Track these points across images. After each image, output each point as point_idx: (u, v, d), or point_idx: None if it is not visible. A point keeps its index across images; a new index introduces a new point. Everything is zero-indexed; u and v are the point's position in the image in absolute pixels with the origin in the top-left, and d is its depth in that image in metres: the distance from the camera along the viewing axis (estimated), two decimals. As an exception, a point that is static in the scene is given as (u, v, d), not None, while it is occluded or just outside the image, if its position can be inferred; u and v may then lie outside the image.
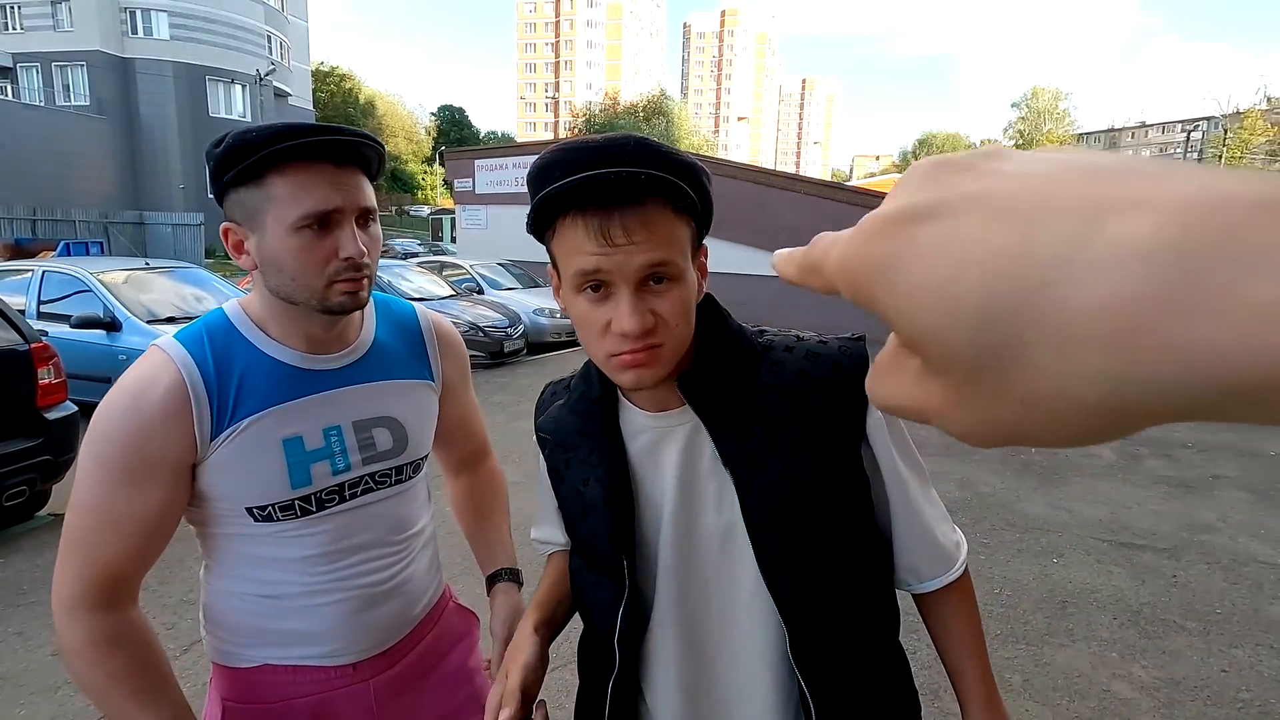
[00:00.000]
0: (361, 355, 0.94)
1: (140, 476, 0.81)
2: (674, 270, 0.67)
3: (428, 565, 1.06)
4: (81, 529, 0.81)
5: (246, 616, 0.92)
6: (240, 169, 0.80)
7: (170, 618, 2.77)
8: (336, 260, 0.82)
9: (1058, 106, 69.80)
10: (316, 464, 0.88)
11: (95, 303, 5.58)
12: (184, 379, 0.82)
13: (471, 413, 1.17)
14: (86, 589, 0.81)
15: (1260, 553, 3.56)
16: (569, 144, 0.67)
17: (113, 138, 28.95)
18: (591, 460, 0.79)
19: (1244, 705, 2.37)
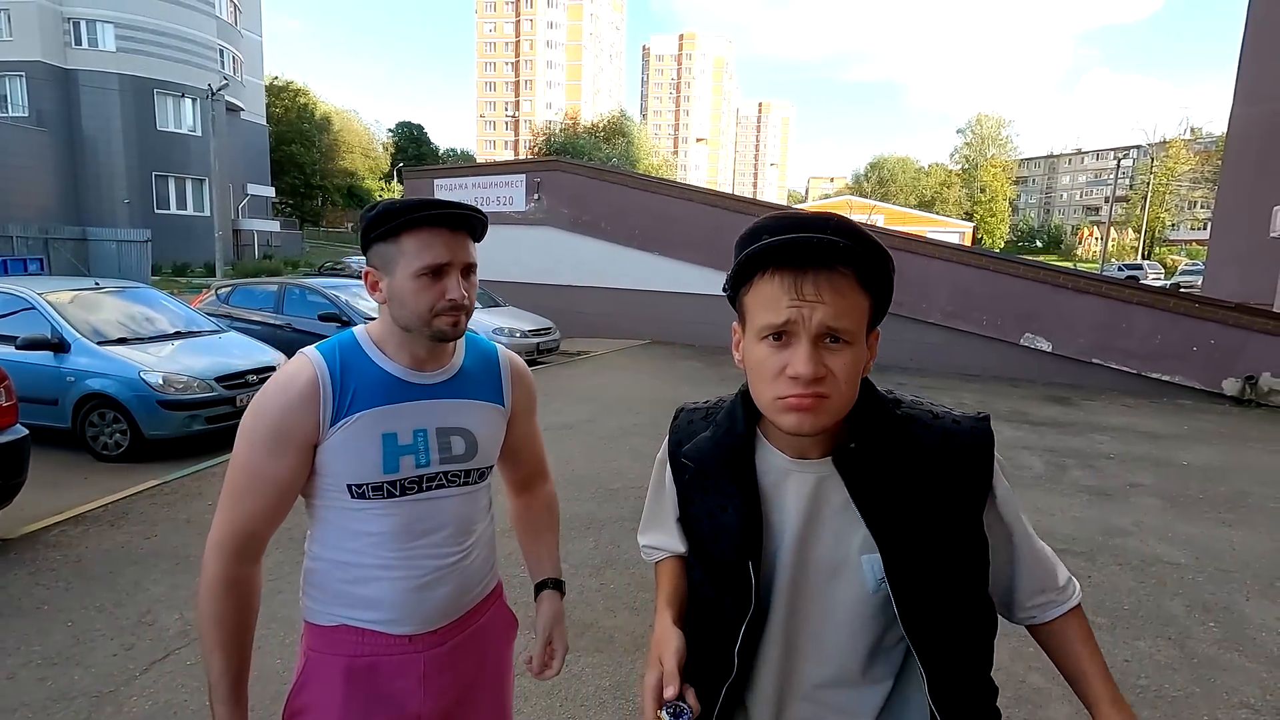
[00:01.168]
0: (451, 376, 1.18)
1: (280, 447, 1.06)
2: (849, 335, 0.76)
3: (483, 561, 1.25)
4: (235, 480, 1.07)
5: (333, 581, 1.13)
6: (384, 229, 1.07)
7: (128, 639, 2.78)
8: (443, 300, 1.08)
9: (1000, 133, 72.99)
10: (404, 456, 1.11)
11: (42, 323, 5.48)
12: (318, 376, 1.08)
13: (534, 438, 1.38)
14: (230, 534, 1.07)
15: (1166, 554, 3.88)
16: (779, 213, 0.80)
17: (53, 151, 27.94)
18: (729, 490, 0.88)
19: (1142, 690, 2.63)
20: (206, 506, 4.13)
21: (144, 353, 5.61)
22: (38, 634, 2.80)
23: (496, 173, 14.73)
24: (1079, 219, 73.82)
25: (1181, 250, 49.82)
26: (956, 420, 0.87)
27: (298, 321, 8.16)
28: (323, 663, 1.13)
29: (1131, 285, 10.11)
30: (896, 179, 74.46)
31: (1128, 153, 45.29)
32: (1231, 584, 3.52)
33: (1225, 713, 2.50)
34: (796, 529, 0.85)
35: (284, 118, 49.97)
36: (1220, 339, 8.55)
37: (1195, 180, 48.11)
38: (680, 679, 0.85)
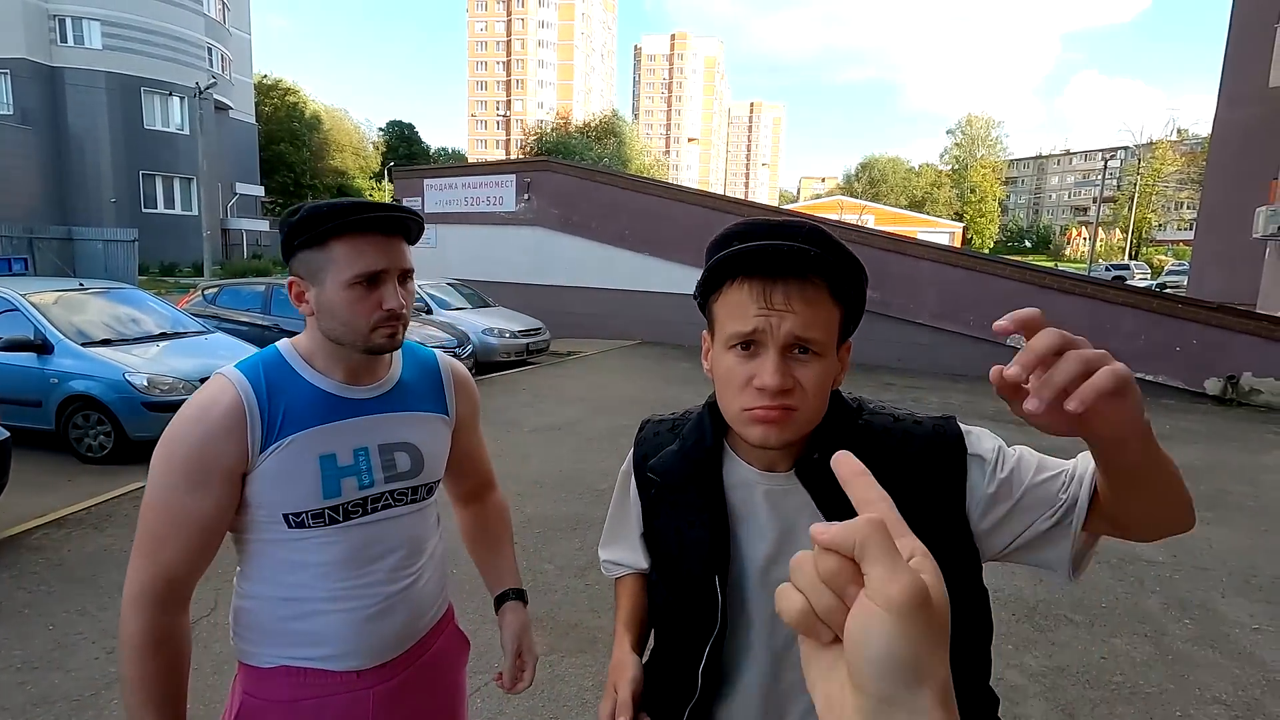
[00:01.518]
0: (389, 389, 1.11)
1: (201, 481, 0.96)
2: (819, 346, 0.74)
3: (435, 584, 1.18)
4: (151, 527, 0.97)
5: (271, 619, 1.05)
6: (310, 235, 0.99)
7: (110, 643, 2.77)
8: (380, 311, 1.01)
9: (990, 134, 73.46)
10: (346, 478, 1.03)
11: (25, 324, 5.43)
12: (242, 399, 0.98)
13: (479, 448, 1.32)
14: (151, 584, 0.96)
15: (1145, 552, 3.93)
16: (750, 219, 0.78)
17: (38, 149, 27.66)
18: (696, 504, 0.85)
19: (1117, 687, 2.67)
20: (191, 509, 4.11)
21: (129, 354, 5.57)
22: (19, 638, 2.79)
23: (487, 173, 14.71)
24: (1067, 219, 74.41)
25: (1168, 251, 50.33)
26: (918, 421, 0.84)
27: (285, 322, 8.12)
28: (259, 708, 1.05)
29: (1116, 286, 10.22)
30: (887, 179, 74.80)
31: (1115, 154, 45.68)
32: (1208, 581, 3.58)
33: (1198, 708, 2.54)
34: (768, 545, 0.82)
35: (273, 116, 49.65)
36: (1202, 339, 8.65)
37: (1181, 181, 48.63)
38: (635, 708, 0.83)
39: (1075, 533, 0.75)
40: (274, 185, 48.39)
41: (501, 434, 6.02)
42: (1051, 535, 0.77)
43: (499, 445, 5.73)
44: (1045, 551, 0.78)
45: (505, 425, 6.22)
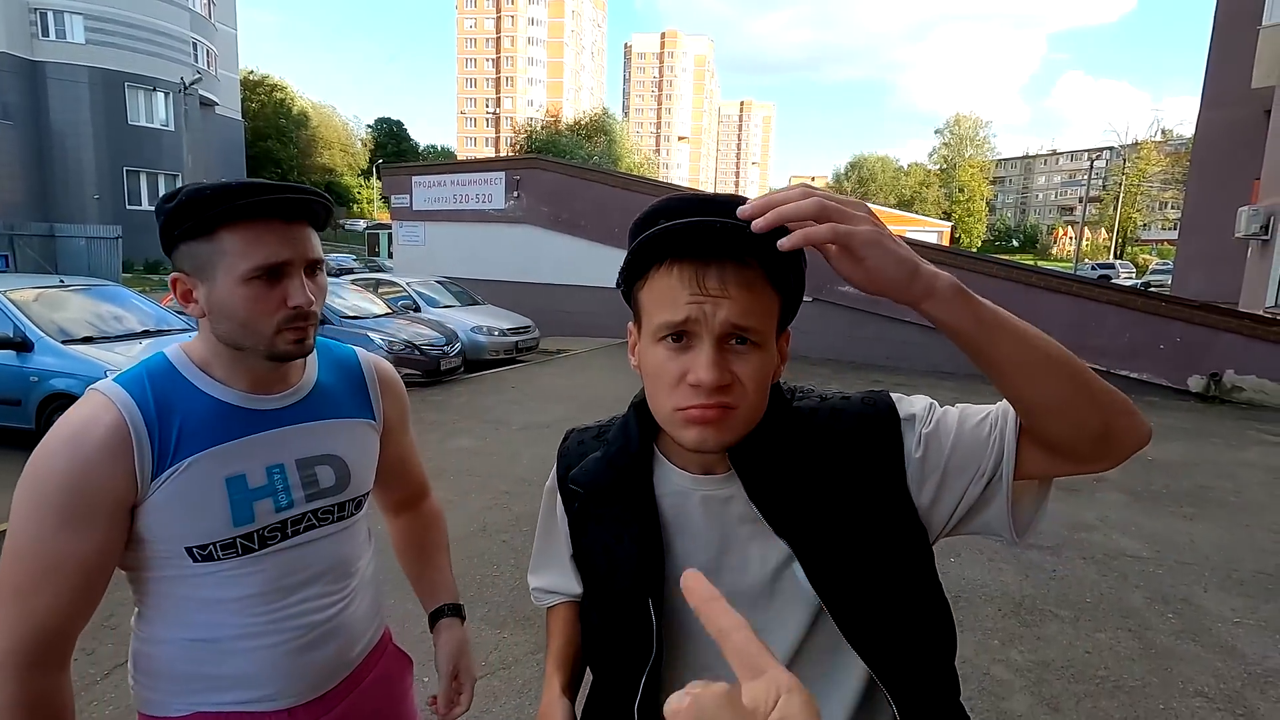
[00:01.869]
0: (304, 396, 0.97)
1: (79, 518, 0.81)
2: (759, 336, 0.66)
3: (368, 605, 1.06)
4: (17, 577, 0.81)
5: (180, 663, 0.91)
6: (194, 222, 0.84)
7: (89, 643, 2.74)
8: (285, 309, 0.87)
9: (978, 134, 74.03)
10: (260, 501, 0.90)
11: (4, 322, 5.35)
12: (125, 418, 0.83)
13: (411, 454, 1.19)
14: (20, 641, 0.81)
15: (1129, 548, 3.97)
16: (677, 195, 0.69)
17: (19, 144, 27.29)
18: (625, 517, 0.76)
19: (1101, 681, 2.69)
20: (174, 508, 4.07)
21: (111, 352, 5.49)
22: None
23: (476, 170, 14.65)
24: (1054, 219, 75.06)
25: (1153, 250, 50.91)
26: (846, 397, 0.78)
27: (271, 320, 8.06)
28: None
29: (1101, 285, 10.32)
30: (876, 178, 75.21)
31: (1101, 154, 46.15)
32: (1190, 576, 3.62)
33: (1180, 702, 2.57)
34: (709, 557, 0.73)
35: (260, 113, 49.24)
36: (1186, 337, 8.75)
37: (1166, 181, 49.15)
38: None
39: (1008, 479, 0.68)
40: (261, 182, 47.95)
41: (490, 432, 5.99)
42: (990, 493, 0.70)
43: (487, 443, 5.70)
44: (988, 511, 0.71)
45: (494, 423, 6.19)
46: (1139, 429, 0.65)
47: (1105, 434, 0.64)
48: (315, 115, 60.24)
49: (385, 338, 7.85)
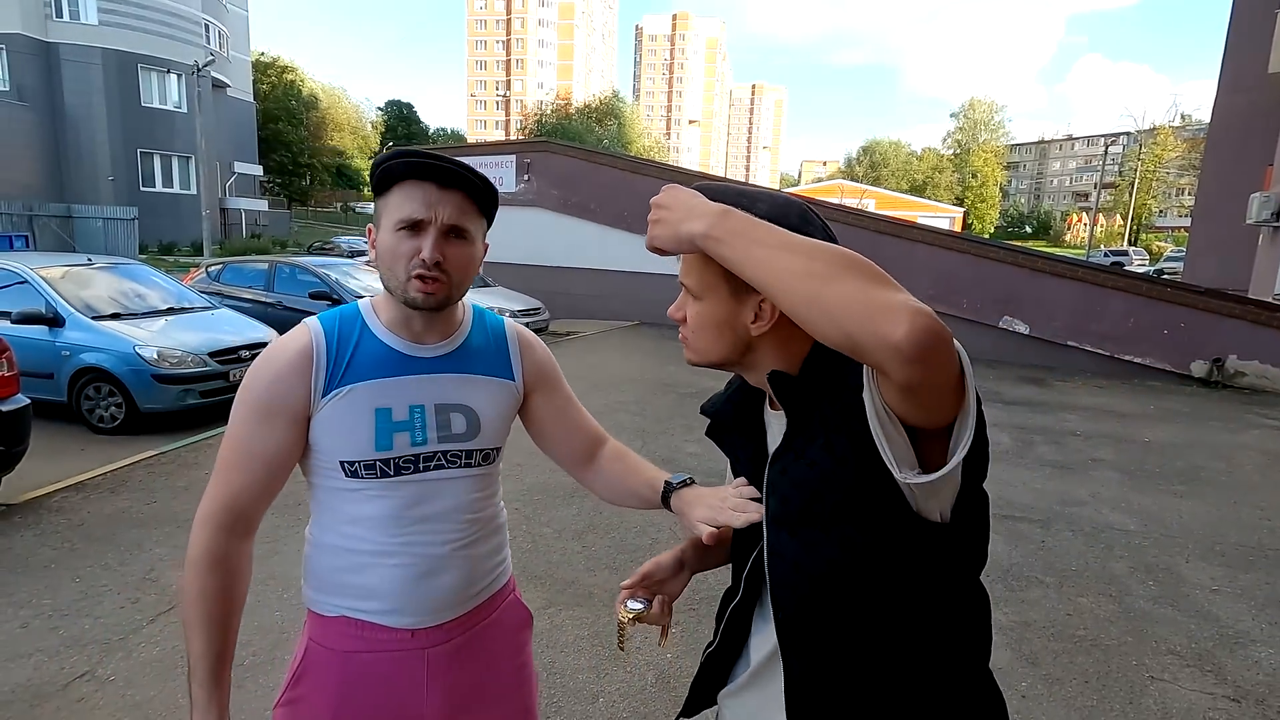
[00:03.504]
0: (452, 350, 1.11)
1: (268, 416, 1.01)
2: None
3: (492, 552, 1.17)
4: (224, 454, 1.04)
5: (330, 568, 1.08)
6: (376, 181, 1.04)
7: (135, 593, 2.94)
8: (415, 259, 1.00)
9: (993, 118, 73.05)
10: (399, 433, 1.05)
11: (36, 298, 5.56)
12: (313, 343, 1.04)
13: (572, 408, 1.27)
14: (217, 508, 1.02)
15: (1118, 522, 4.11)
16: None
17: (35, 126, 27.51)
18: (738, 440, 0.97)
19: (1079, 640, 2.85)
20: (203, 475, 4.27)
21: (138, 328, 5.71)
22: (47, 589, 2.96)
23: (487, 153, 14.73)
24: (1068, 205, 74.24)
25: (1168, 237, 50.33)
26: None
27: (288, 299, 8.25)
28: (321, 655, 1.09)
29: (1107, 270, 10.35)
30: (888, 163, 74.46)
31: (1117, 139, 45.52)
32: (1174, 548, 3.76)
33: (1153, 659, 2.72)
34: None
35: (271, 95, 49.24)
36: (1191, 323, 8.80)
37: (1182, 168, 48.49)
38: (642, 582, 0.99)
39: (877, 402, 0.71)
40: (271, 164, 48.18)
41: (501, 409, 6.16)
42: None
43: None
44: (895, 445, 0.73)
45: (505, 401, 6.36)
46: (886, 337, 0.62)
47: (851, 346, 0.65)
48: (325, 97, 60.20)
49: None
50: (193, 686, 1.00)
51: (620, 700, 2.39)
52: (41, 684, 2.35)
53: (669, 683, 2.48)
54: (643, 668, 2.56)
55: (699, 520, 0.96)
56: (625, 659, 2.60)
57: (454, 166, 1.01)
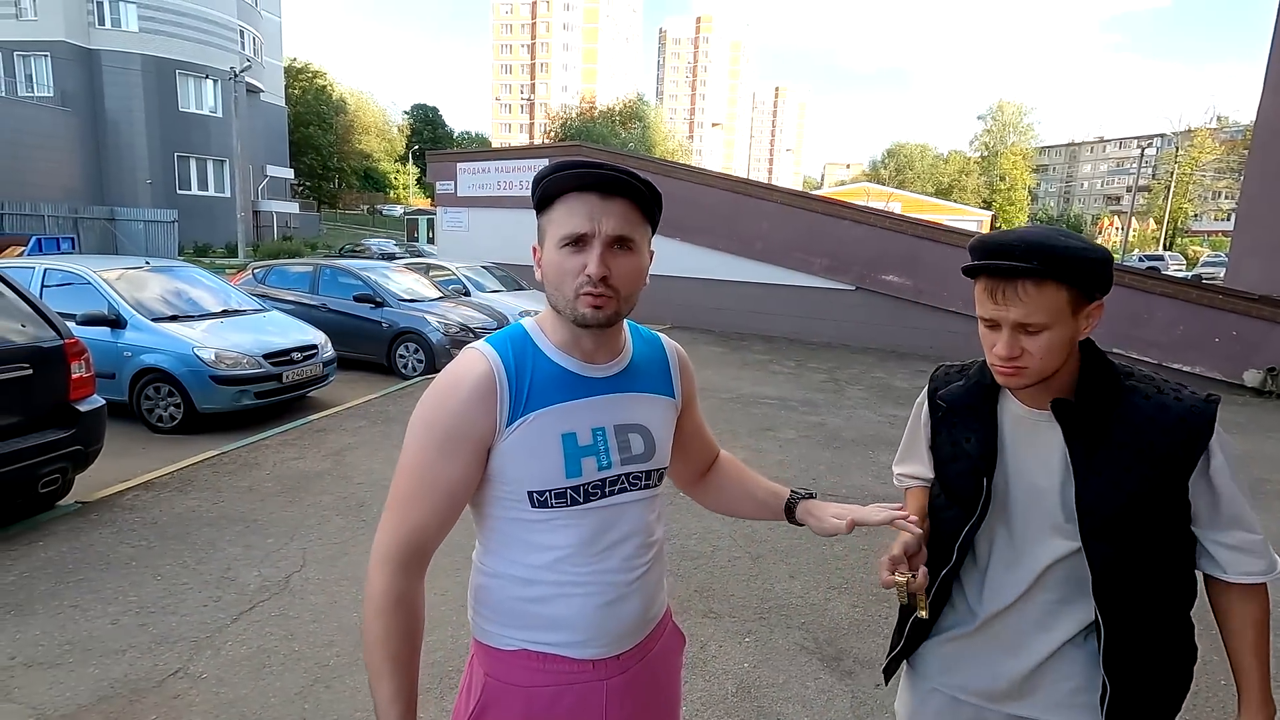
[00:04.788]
0: (624, 368, 1.08)
1: (451, 447, 0.97)
2: (1041, 325, 0.99)
3: (659, 576, 1.15)
4: (402, 488, 0.99)
5: (511, 600, 1.03)
6: (539, 199, 1.01)
7: (216, 592, 3.01)
8: (582, 275, 0.96)
9: (1022, 120, 71.90)
10: (586, 458, 1.01)
11: (99, 300, 5.71)
12: (494, 371, 0.99)
13: (703, 426, 1.28)
14: (397, 545, 0.98)
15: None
16: (988, 239, 1.04)
17: (77, 131, 28.29)
18: (974, 425, 1.13)
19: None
20: (265, 476, 4.36)
21: (194, 329, 5.84)
22: (131, 586, 3.03)
23: (519, 156, 14.86)
24: (1099, 208, 72.87)
25: (1204, 241, 49.16)
26: (1179, 397, 1.03)
27: (333, 302, 8.38)
28: (500, 691, 1.04)
29: (1154, 275, 10.14)
30: (914, 166, 73.68)
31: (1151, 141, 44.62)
32: (1249, 564, 3.66)
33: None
34: (1020, 463, 1.08)
35: (301, 99, 50.12)
36: (1242, 330, 8.59)
37: (1220, 170, 47.36)
38: (902, 555, 1.10)
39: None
40: (302, 167, 49.05)
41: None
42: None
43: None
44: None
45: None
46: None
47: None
48: (353, 101, 61.12)
49: (440, 320, 8.12)
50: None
51: (704, 709, 2.39)
52: (138, 680, 2.41)
53: (749, 692, 2.48)
54: (722, 677, 2.56)
55: (834, 517, 1.14)
56: (704, 667, 2.60)
57: (615, 174, 0.96)
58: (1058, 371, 1.02)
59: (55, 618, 2.76)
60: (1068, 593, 1.07)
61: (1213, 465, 1.02)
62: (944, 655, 1.19)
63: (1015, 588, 1.10)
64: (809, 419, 6.07)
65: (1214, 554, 1.05)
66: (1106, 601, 1.04)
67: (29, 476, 3.47)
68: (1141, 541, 1.03)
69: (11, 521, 3.62)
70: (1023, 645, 1.11)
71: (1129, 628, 1.04)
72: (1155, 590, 1.05)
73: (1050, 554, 1.07)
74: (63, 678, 2.40)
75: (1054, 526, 1.06)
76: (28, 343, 3.58)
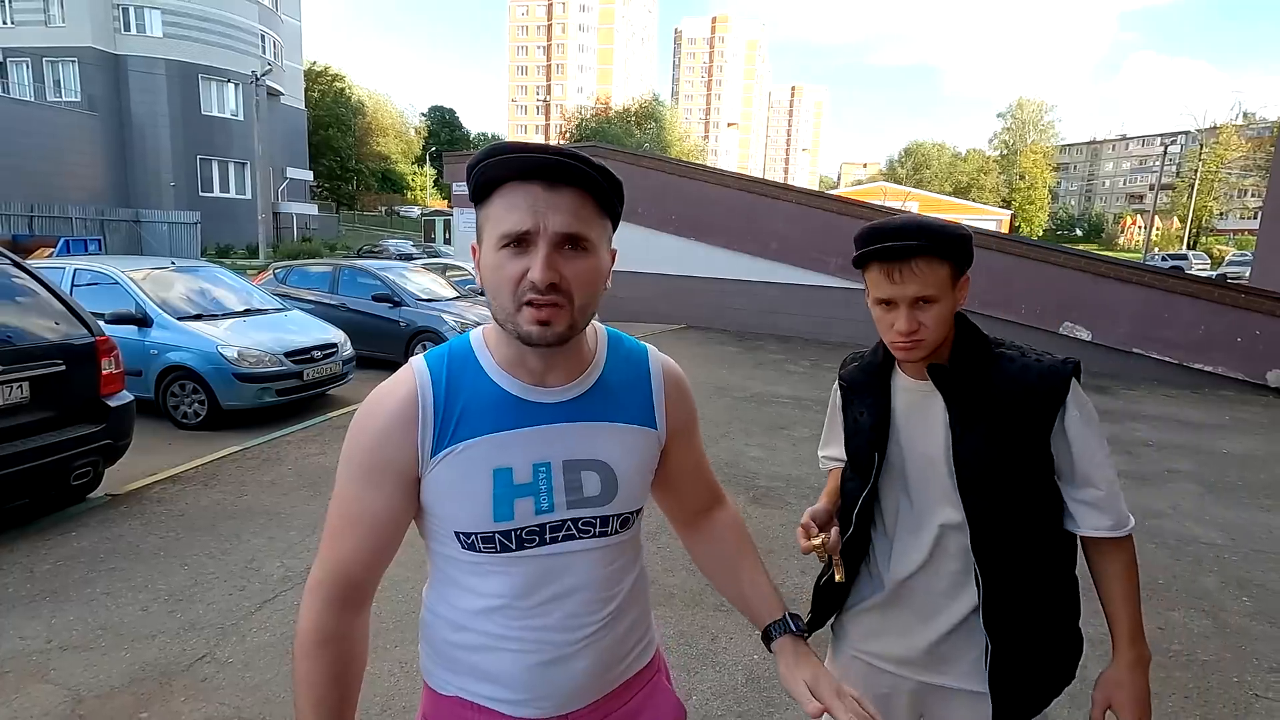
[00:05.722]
0: (583, 392, 0.90)
1: (374, 476, 0.85)
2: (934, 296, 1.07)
3: (630, 628, 0.97)
4: (330, 518, 0.89)
5: (447, 643, 0.93)
6: (474, 188, 0.83)
7: (241, 581, 3.10)
8: (524, 281, 0.79)
9: (1042, 118, 71.08)
10: (521, 499, 0.86)
11: (127, 299, 5.86)
12: (418, 392, 0.85)
13: (702, 461, 1.08)
14: (325, 576, 0.88)
15: (1203, 535, 3.99)
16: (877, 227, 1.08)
17: (104, 134, 28.91)
18: (868, 400, 1.20)
19: (1175, 655, 2.79)
20: (287, 470, 4.47)
21: (218, 328, 5.97)
22: (160, 575, 3.13)
23: (535, 158, 14.93)
24: (1122, 207, 71.77)
25: (1230, 240, 48.25)
26: (1039, 359, 1.11)
27: (352, 302, 8.52)
28: None
29: (1175, 275, 10.00)
30: (931, 165, 73.09)
31: (1175, 139, 43.86)
32: (1266, 563, 3.64)
33: (1255, 676, 2.65)
34: (908, 431, 1.15)
35: (320, 102, 50.75)
36: (1266, 330, 8.45)
37: (1246, 168, 46.48)
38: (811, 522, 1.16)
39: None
40: (320, 169, 49.68)
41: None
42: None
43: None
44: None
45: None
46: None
47: None
48: (371, 103, 61.78)
49: (456, 319, 8.22)
50: None
51: (713, 699, 2.43)
52: (168, 664, 2.50)
53: (759, 682, 2.52)
54: (732, 667, 2.60)
55: (803, 683, 0.90)
56: (715, 658, 2.65)
57: (561, 159, 0.79)
58: (941, 344, 1.11)
59: (89, 604, 2.87)
60: (969, 561, 1.12)
61: (1068, 419, 1.08)
62: (863, 623, 1.25)
63: (918, 553, 1.16)
64: (822, 418, 6.12)
65: (1071, 510, 1.11)
66: (984, 558, 1.09)
67: (62, 469, 3.59)
68: (1014, 497, 1.09)
69: (46, 514, 3.74)
70: (933, 613, 1.16)
71: (1007, 584, 1.10)
72: (1031, 547, 1.11)
73: (944, 519, 1.13)
74: (96, 661, 2.50)
75: (944, 493, 1.12)
76: (61, 340, 3.70)
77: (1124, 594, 1.11)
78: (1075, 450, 1.09)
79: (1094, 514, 1.10)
